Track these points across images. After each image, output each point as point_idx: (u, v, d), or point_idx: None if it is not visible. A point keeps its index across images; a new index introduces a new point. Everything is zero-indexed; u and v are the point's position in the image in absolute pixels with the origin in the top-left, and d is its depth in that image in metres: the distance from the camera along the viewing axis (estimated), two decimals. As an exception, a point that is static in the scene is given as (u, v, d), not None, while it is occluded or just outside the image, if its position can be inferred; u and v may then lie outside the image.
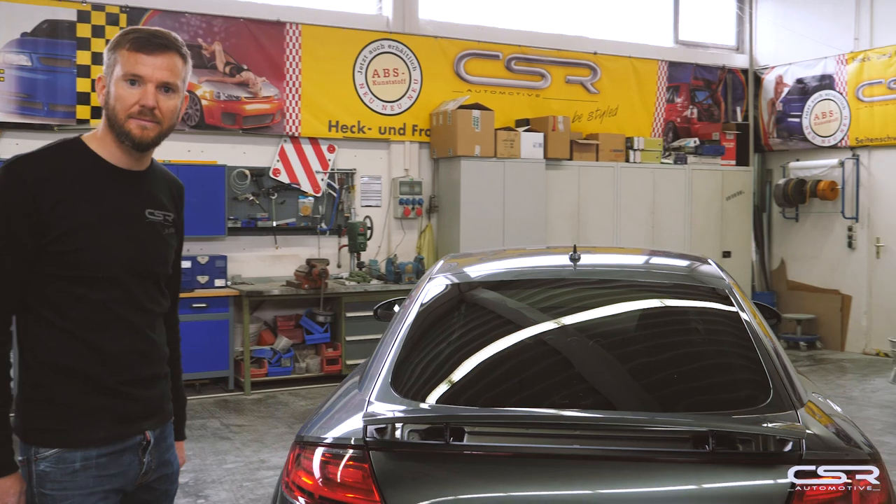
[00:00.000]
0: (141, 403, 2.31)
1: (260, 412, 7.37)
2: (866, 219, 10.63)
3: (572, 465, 2.43)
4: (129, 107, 2.20)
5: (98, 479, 2.19)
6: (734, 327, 3.04)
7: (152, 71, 2.21)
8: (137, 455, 2.30)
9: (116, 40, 2.24)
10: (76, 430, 2.18)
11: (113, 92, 2.22)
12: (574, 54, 10.52)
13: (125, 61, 2.20)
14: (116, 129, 2.23)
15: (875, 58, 10.37)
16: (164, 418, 2.44)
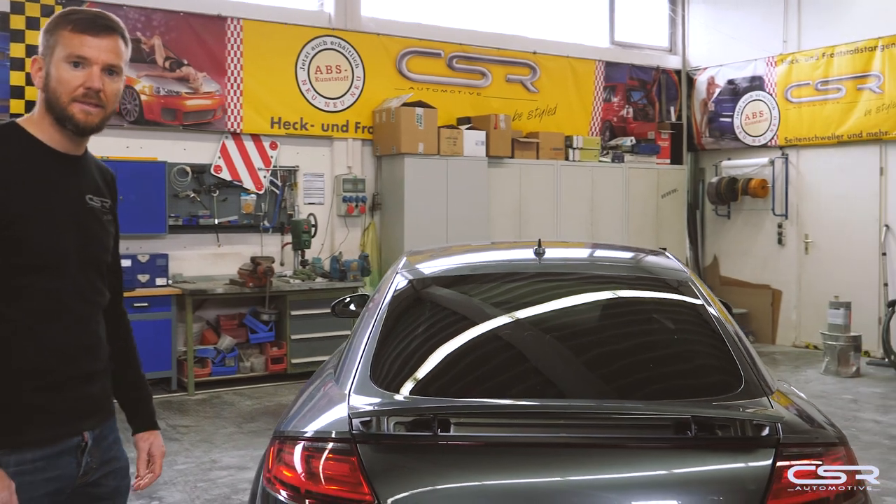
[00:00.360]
0: (83, 402, 2.21)
1: (206, 412, 7.25)
2: (795, 216, 10.99)
3: (559, 452, 2.47)
4: (74, 89, 2.13)
5: (32, 484, 2.07)
6: (701, 318, 3.13)
7: (97, 53, 2.14)
8: (75, 457, 2.19)
9: (56, 21, 2.16)
10: (11, 432, 2.06)
11: (54, 74, 2.13)
12: (514, 53, 10.62)
13: (68, 42, 2.12)
14: (57, 112, 2.14)
15: (803, 60, 10.73)
16: (105, 416, 2.32)
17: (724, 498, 2.36)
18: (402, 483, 2.42)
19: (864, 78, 10.03)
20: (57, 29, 2.15)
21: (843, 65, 10.23)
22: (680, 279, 3.40)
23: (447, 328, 3.22)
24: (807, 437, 2.49)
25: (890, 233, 9.87)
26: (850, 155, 10.29)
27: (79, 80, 2.13)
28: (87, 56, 2.13)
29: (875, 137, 9.91)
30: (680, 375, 2.93)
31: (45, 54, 2.16)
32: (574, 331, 3.19)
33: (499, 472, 2.45)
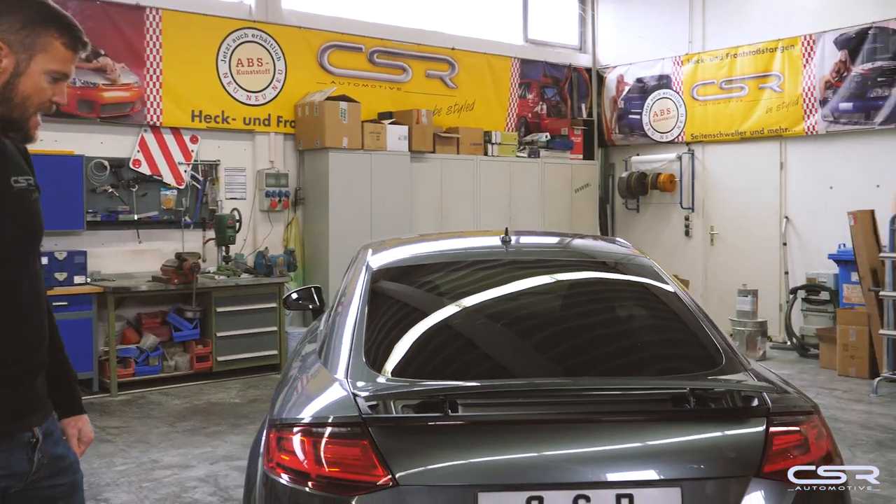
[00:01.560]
0: (33, 396, 2.11)
1: (134, 413, 7.05)
2: (701, 209, 11.46)
3: (565, 428, 2.56)
4: (44, 102, 2.02)
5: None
6: (674, 300, 3.28)
7: (72, 70, 2.05)
8: (26, 453, 2.08)
9: (44, 20, 1.98)
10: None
11: (31, 82, 1.97)
12: (433, 49, 10.70)
13: (57, 57, 2.00)
14: (15, 121, 2.00)
15: (708, 60, 11.19)
16: (49, 412, 2.21)
17: (725, 464, 2.50)
18: (416, 461, 2.47)
19: (765, 77, 10.54)
20: (44, 31, 1.98)
21: (746, 65, 10.73)
22: (645, 264, 3.55)
23: (433, 313, 3.27)
24: (792, 406, 2.66)
25: (790, 224, 10.41)
26: (753, 150, 10.79)
27: (51, 92, 2.02)
28: (69, 74, 2.04)
29: (776, 134, 10.43)
30: (667, 353, 3.08)
31: (19, 51, 1.95)
32: (559, 313, 3.29)
33: (508, 447, 2.52)
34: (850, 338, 8.16)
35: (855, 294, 8.56)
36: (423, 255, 3.81)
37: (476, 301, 3.33)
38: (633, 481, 2.44)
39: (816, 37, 9.90)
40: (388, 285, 3.43)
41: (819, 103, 9.90)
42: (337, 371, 2.90)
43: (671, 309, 3.26)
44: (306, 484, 2.51)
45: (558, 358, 3.02)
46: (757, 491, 2.45)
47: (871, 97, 9.41)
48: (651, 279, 3.44)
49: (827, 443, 2.67)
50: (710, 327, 3.11)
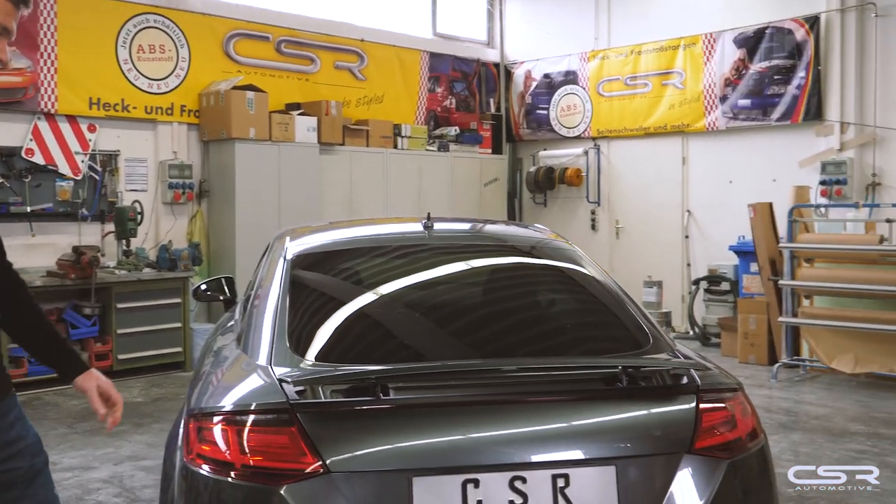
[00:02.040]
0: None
1: (29, 415, 6.65)
2: (607, 203, 11.67)
3: (497, 409, 2.52)
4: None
5: None
6: (597, 283, 3.29)
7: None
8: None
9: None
10: None
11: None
12: (342, 40, 10.56)
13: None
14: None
15: (613, 56, 11.40)
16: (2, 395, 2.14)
17: (658, 441, 2.51)
18: (347, 447, 2.39)
19: (668, 74, 10.80)
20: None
21: (650, 62, 10.97)
22: (567, 248, 3.56)
23: (357, 298, 3.19)
24: (718, 383, 2.69)
25: (692, 217, 10.70)
26: (656, 146, 11.05)
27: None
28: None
29: (678, 129, 10.70)
30: (594, 335, 3.08)
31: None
32: (486, 297, 3.26)
33: (442, 430, 2.47)
34: (750, 326, 8.43)
35: (754, 284, 8.85)
36: (345, 240, 3.72)
37: (401, 286, 3.26)
38: (569, 461, 2.42)
39: (716, 35, 10.20)
40: (309, 271, 3.33)
41: (719, 100, 10.20)
42: (259, 358, 2.80)
43: (596, 291, 3.27)
44: (229, 474, 2.40)
45: (486, 341, 2.98)
46: (689, 467, 2.46)
47: (768, 94, 9.75)
48: (574, 263, 3.44)
49: (752, 419, 2.71)
50: (634, 309, 3.13)
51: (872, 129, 8.94)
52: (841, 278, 7.34)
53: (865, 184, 8.98)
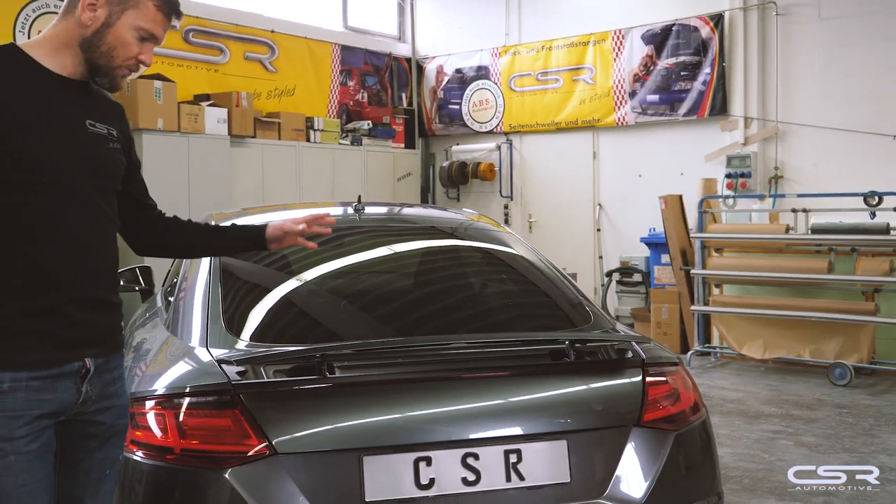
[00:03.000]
0: (84, 327, 2.09)
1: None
2: (520, 197, 11.78)
3: (445, 385, 2.50)
4: (130, 58, 2.12)
5: (27, 402, 1.99)
6: (533, 262, 3.30)
7: (162, 34, 2.16)
8: (74, 382, 2.08)
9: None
10: (7, 351, 1.97)
11: (117, 34, 2.08)
12: (252, 31, 10.34)
13: (148, 16, 2.10)
14: (99, 66, 2.11)
15: (524, 52, 11.51)
16: (112, 349, 2.20)
17: (607, 415, 2.53)
18: (293, 427, 2.33)
19: (578, 70, 10.97)
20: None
21: (561, 57, 11.12)
22: (499, 230, 3.57)
23: (291, 279, 3.12)
24: (660, 357, 2.72)
25: (603, 211, 10.90)
26: (568, 140, 11.21)
27: (137, 49, 2.12)
28: (158, 37, 2.14)
29: (589, 125, 10.89)
30: (537, 312, 3.08)
31: (114, 3, 2.07)
32: (424, 278, 3.22)
33: (391, 408, 2.44)
34: (662, 316, 8.65)
35: (665, 275, 9.07)
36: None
37: (336, 268, 3.20)
38: (520, 436, 2.41)
39: (625, 32, 10.41)
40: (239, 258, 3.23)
41: (628, 95, 10.42)
42: (192, 340, 2.70)
43: (533, 271, 3.28)
44: (165, 458, 2.31)
45: (428, 320, 2.95)
46: (638, 440, 2.49)
47: (675, 90, 10.01)
48: (509, 244, 3.45)
49: (693, 392, 2.76)
50: (572, 288, 3.14)
51: (774, 123, 9.28)
52: (750, 267, 7.60)
53: (769, 176, 9.32)
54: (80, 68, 2.11)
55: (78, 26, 2.07)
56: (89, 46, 2.08)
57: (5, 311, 1.98)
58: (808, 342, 7.28)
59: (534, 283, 3.24)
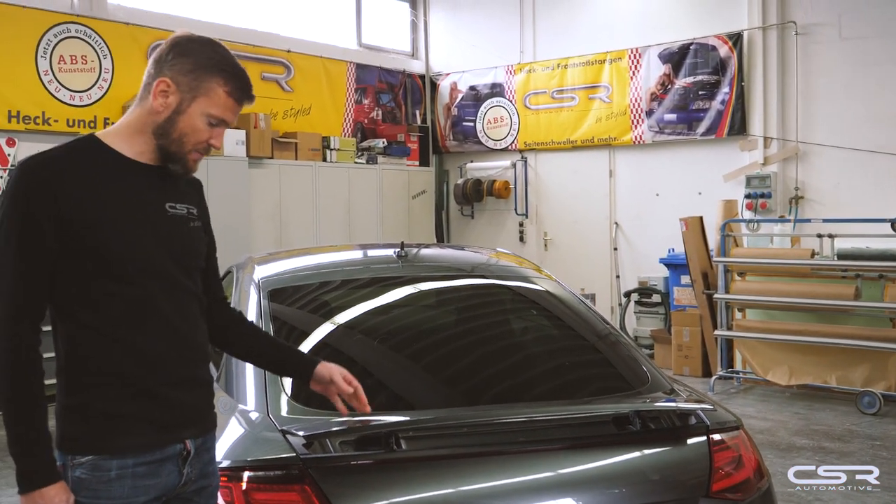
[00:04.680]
0: (181, 410, 2.14)
1: (-48, 449, 6.27)
2: (535, 215, 11.76)
3: (510, 458, 2.47)
4: (200, 143, 2.13)
5: (134, 489, 2.04)
6: (588, 319, 3.26)
7: (233, 119, 2.17)
8: (177, 465, 2.13)
9: (211, 67, 2.09)
10: (111, 438, 2.03)
11: (188, 121, 2.10)
12: (268, 51, 10.34)
13: (219, 103, 2.10)
14: (173, 154, 2.12)
15: (539, 69, 11.50)
16: (207, 428, 2.24)
17: (675, 486, 2.50)
18: (360, 501, 2.30)
19: (594, 88, 10.95)
20: (210, 77, 2.09)
21: (576, 75, 11.10)
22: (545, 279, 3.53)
23: (342, 338, 3.08)
24: (724, 422, 2.69)
25: (619, 230, 10.87)
26: (584, 159, 11.18)
27: (207, 134, 2.14)
28: (228, 122, 2.15)
29: (605, 143, 10.86)
30: (594, 374, 3.04)
31: (185, 91, 2.08)
32: (476, 337, 3.19)
33: (455, 481, 2.41)
34: (683, 338, 8.61)
35: (685, 296, 9.04)
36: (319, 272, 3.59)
37: (390, 322, 3.17)
38: (587, 510, 2.38)
39: (642, 50, 10.39)
40: (286, 306, 3.20)
41: (645, 114, 10.40)
42: (249, 403, 2.67)
43: (587, 328, 3.24)
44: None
45: (487, 385, 2.91)
46: (708, 512, 2.46)
47: (693, 109, 9.99)
48: (560, 298, 3.40)
49: (754, 456, 2.72)
50: (630, 347, 3.12)
51: (795, 143, 9.25)
52: (775, 292, 7.55)
53: (789, 197, 9.29)
54: (154, 154, 2.14)
55: (151, 113, 2.10)
56: (162, 133, 2.10)
57: (106, 398, 2.03)
58: (834, 369, 7.25)
59: (587, 339, 3.21)
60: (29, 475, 1.96)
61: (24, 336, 1.99)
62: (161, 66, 2.09)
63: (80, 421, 2.04)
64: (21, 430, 1.97)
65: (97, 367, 2.04)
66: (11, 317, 1.98)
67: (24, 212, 1.98)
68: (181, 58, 2.08)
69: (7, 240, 1.99)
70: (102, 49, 8.62)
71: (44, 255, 2.00)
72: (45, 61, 8.18)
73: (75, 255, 2.02)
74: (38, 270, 2.00)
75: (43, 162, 2.04)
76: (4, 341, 1.98)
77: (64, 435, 2.04)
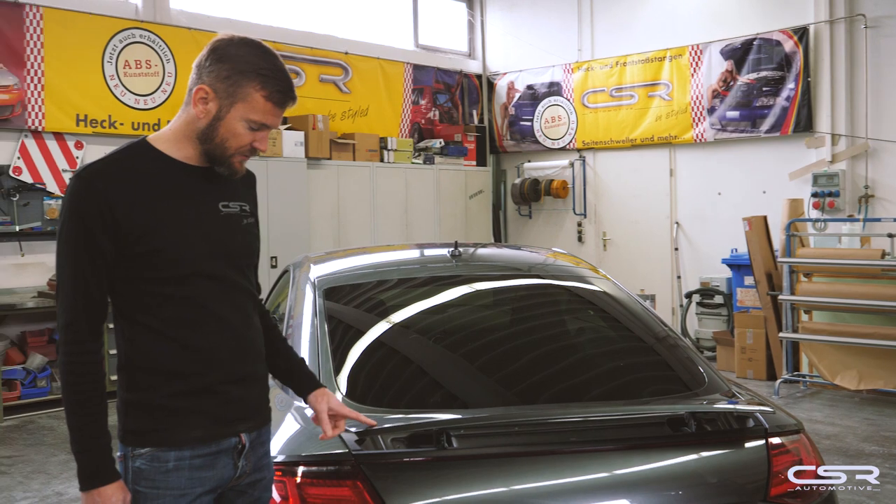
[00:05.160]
0: (237, 404, 2.19)
1: (25, 440, 6.48)
2: (594, 215, 11.64)
3: (563, 457, 2.44)
4: (243, 146, 2.14)
5: (190, 480, 2.10)
6: (645, 320, 3.21)
7: (275, 121, 2.15)
8: (232, 458, 2.18)
9: (249, 73, 2.07)
10: (170, 431, 2.09)
11: (228, 126, 2.10)
12: (326, 53, 10.44)
13: (258, 108, 2.09)
14: (216, 156, 2.14)
15: (598, 68, 11.39)
16: (262, 422, 2.29)
17: (732, 489, 2.44)
18: (409, 498, 2.31)
19: (654, 86, 10.80)
20: (246, 82, 2.08)
21: (636, 73, 10.96)
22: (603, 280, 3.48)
23: (396, 336, 3.08)
24: (784, 425, 2.62)
25: (681, 229, 10.70)
26: (643, 157, 11.04)
27: (250, 138, 2.13)
28: (269, 125, 2.14)
29: (665, 141, 10.70)
30: (650, 375, 3.00)
31: (225, 99, 2.09)
32: (532, 336, 3.16)
33: (506, 479, 2.39)
34: (747, 341, 8.43)
35: (749, 297, 8.85)
36: (373, 271, 3.61)
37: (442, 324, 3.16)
38: (640, 513, 2.34)
39: (703, 47, 10.21)
40: (341, 304, 3.22)
41: (707, 112, 10.22)
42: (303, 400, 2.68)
43: (644, 329, 3.19)
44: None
45: (538, 385, 2.88)
46: (765, 517, 2.39)
47: (756, 106, 9.78)
48: (616, 298, 3.35)
49: (815, 461, 2.65)
50: (686, 347, 3.06)
51: (864, 140, 8.99)
52: (843, 293, 7.34)
53: (858, 196, 9.03)
54: (201, 157, 2.17)
55: (193, 119, 2.13)
56: (204, 139, 2.13)
57: (165, 394, 2.09)
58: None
59: (644, 340, 3.15)
60: (89, 474, 2.03)
61: (85, 339, 2.05)
62: (200, 72, 2.11)
63: (141, 415, 2.10)
64: (82, 430, 2.04)
65: (156, 366, 2.10)
66: (73, 320, 2.05)
67: (81, 221, 2.03)
68: (218, 64, 2.08)
69: (66, 247, 2.06)
70: (165, 53, 8.80)
71: (101, 260, 2.05)
72: (111, 66, 8.38)
73: (131, 260, 2.08)
74: (96, 275, 2.06)
75: (97, 171, 2.08)
76: (66, 345, 2.05)
77: (125, 428, 2.11)
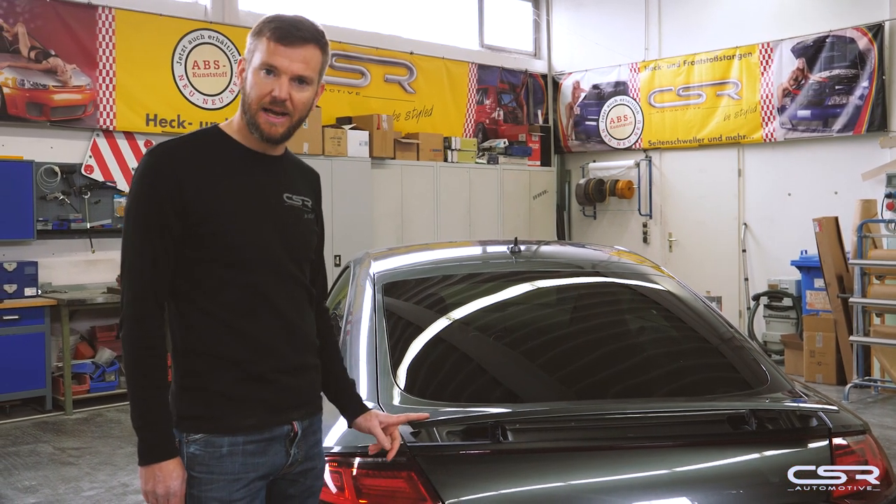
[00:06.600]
0: (289, 392, 2.20)
1: (93, 432, 6.68)
2: (659, 215, 11.49)
3: (620, 453, 2.42)
4: (263, 97, 2.13)
5: (244, 465, 2.12)
6: (707, 317, 3.15)
7: (289, 63, 2.13)
8: (284, 445, 2.19)
9: (259, 27, 2.16)
10: (224, 417, 2.12)
11: (250, 79, 2.15)
12: (392, 53, 10.51)
13: (265, 50, 2.13)
14: (248, 117, 2.15)
15: (665, 67, 11.23)
16: (314, 410, 2.30)
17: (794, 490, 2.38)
18: (465, 490, 2.31)
19: (722, 85, 10.61)
20: (259, 35, 2.15)
21: (703, 72, 10.78)
22: (665, 277, 3.43)
23: (453, 331, 3.09)
24: (849, 426, 2.55)
25: (748, 231, 10.49)
26: (711, 157, 10.85)
27: (269, 87, 2.13)
28: (278, 66, 2.12)
29: (734, 141, 10.50)
30: (712, 373, 2.95)
31: (248, 58, 2.18)
32: (592, 333, 3.14)
33: (561, 474, 2.37)
34: (816, 344, 8.22)
35: (818, 300, 8.63)
36: (432, 266, 3.62)
37: (499, 319, 3.16)
38: (699, 511, 2.30)
39: (774, 45, 9.99)
40: (400, 300, 3.24)
41: (777, 111, 9.99)
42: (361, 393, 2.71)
43: (705, 326, 3.13)
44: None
45: (597, 381, 2.86)
46: (830, 519, 2.33)
47: (828, 105, 9.53)
48: (678, 297, 3.30)
49: (882, 462, 2.57)
50: (749, 345, 3.00)
51: (941, 140, 8.69)
52: (916, 296, 7.11)
53: (933, 197, 8.73)
54: (253, 136, 2.17)
55: (241, 95, 2.19)
56: (243, 106, 2.17)
57: (221, 380, 2.12)
58: (983, 379, 6.76)
59: (706, 338, 3.10)
60: (149, 449, 2.06)
61: (153, 312, 2.08)
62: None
63: (196, 401, 2.12)
64: (144, 406, 2.07)
65: (211, 352, 2.12)
66: (138, 296, 2.08)
67: (150, 196, 2.07)
68: (249, 37, 2.18)
69: (135, 222, 2.09)
70: (233, 54, 8.98)
71: (167, 238, 2.08)
72: (180, 66, 8.59)
73: (195, 241, 2.10)
74: (162, 253, 2.08)
75: (169, 150, 2.14)
76: (132, 319, 2.07)
77: (180, 414, 2.13)
